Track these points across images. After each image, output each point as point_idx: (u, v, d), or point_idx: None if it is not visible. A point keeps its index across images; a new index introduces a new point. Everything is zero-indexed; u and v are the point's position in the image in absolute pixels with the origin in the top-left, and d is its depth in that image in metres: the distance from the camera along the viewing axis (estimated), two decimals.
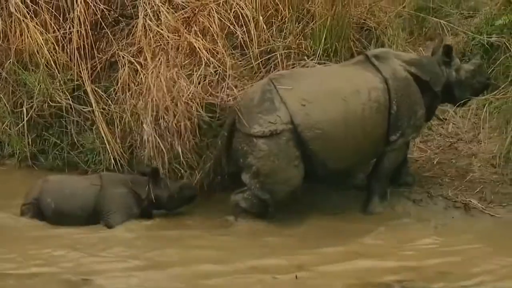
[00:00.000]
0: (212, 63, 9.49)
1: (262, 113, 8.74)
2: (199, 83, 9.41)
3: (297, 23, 10.12)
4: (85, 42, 10.33)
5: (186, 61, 9.64)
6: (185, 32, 9.80)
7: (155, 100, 9.26)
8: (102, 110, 10.13)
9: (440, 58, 9.38)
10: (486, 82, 9.74)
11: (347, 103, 8.82)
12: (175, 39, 9.75)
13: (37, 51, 10.31)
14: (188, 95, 9.27)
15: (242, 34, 9.85)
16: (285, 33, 10.05)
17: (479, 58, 9.88)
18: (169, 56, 9.53)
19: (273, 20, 10.12)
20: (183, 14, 10.03)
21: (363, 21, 10.55)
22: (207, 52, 9.58)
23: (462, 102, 9.53)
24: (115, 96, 10.12)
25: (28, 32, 10.33)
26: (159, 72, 9.37)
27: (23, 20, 10.39)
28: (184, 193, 9.23)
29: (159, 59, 9.55)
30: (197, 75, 9.45)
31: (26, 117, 10.50)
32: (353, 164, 9.16)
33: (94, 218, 8.99)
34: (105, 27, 10.53)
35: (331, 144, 8.78)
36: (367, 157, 9.22)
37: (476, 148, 9.97)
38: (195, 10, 9.96)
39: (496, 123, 9.90)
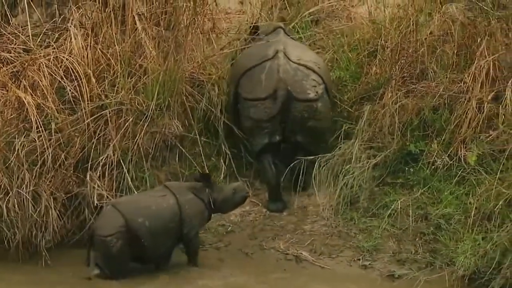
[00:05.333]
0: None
1: (303, 80, 9.96)
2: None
3: (129, 78, 10.08)
4: None
5: (14, 115, 9.44)
6: (14, 87, 9.59)
7: None
8: None
9: None
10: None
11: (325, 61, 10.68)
12: (2, 94, 9.51)
13: None
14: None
15: (73, 89, 9.73)
16: (117, 88, 10.00)
17: None
18: None
19: (105, 75, 10.05)
20: (11, 69, 9.82)
21: (195, 76, 10.63)
22: (36, 108, 9.41)
23: None
24: None
25: None
26: None
27: None
28: (238, 195, 9.35)
29: None
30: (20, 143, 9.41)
31: None
32: None
33: (180, 228, 9.02)
34: None
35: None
36: None
37: (306, 201, 10.19)
38: (24, 64, 9.77)
39: (325, 177, 10.15)
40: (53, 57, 9.84)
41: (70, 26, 10.04)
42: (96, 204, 9.56)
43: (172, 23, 10.50)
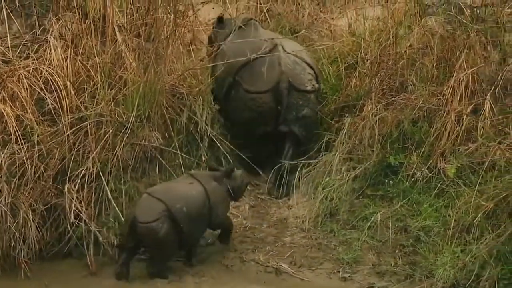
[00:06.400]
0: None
1: (301, 74, 10.47)
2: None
3: (109, 90, 10.05)
4: None
5: None
6: None
7: None
8: None
9: None
10: None
11: None
12: None
13: None
14: None
15: (52, 101, 9.70)
16: (97, 99, 9.97)
17: None
18: None
19: (85, 86, 10.02)
20: None
21: (176, 88, 10.63)
22: (16, 119, 9.38)
23: None
24: None
25: None
26: None
27: None
28: (244, 182, 9.77)
29: None
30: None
31: None
32: None
33: (209, 214, 9.27)
34: None
35: None
36: None
37: (286, 213, 10.20)
38: (3, 76, 9.72)
39: (305, 189, 10.18)
40: (33, 68, 9.79)
41: (50, 38, 10.00)
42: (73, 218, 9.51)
43: (152, 34, 10.50)
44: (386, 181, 9.92)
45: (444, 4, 10.78)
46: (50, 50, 9.91)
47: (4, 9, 10.23)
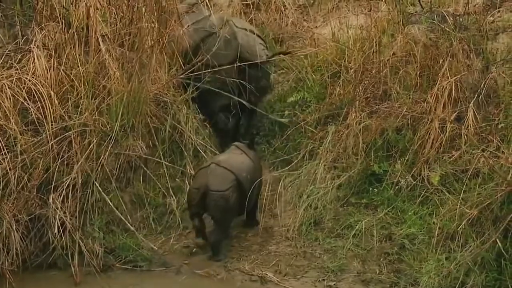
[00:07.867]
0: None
1: (256, 45, 10.88)
2: None
3: (93, 99, 10.04)
4: None
5: None
6: None
7: None
8: None
9: None
10: None
11: None
12: None
13: None
14: None
15: (36, 111, 9.67)
16: (81, 109, 9.95)
17: None
18: None
19: (69, 96, 10.00)
20: None
21: (160, 97, 10.62)
22: None
23: None
24: None
25: None
26: None
27: None
28: None
29: None
30: None
31: None
32: None
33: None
34: None
35: None
36: None
37: (271, 221, 10.20)
38: None
39: (290, 197, 10.19)
40: (16, 78, 9.76)
41: (33, 47, 9.97)
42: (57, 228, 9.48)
43: (136, 44, 10.49)
44: (371, 189, 9.95)
45: (427, 12, 10.85)
46: (34, 60, 9.88)
47: None
